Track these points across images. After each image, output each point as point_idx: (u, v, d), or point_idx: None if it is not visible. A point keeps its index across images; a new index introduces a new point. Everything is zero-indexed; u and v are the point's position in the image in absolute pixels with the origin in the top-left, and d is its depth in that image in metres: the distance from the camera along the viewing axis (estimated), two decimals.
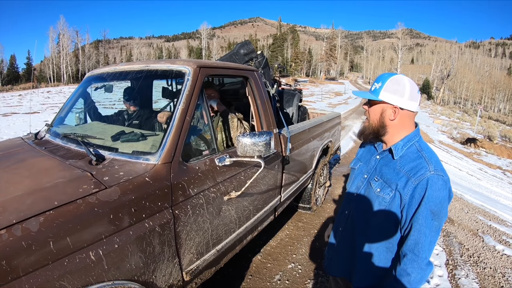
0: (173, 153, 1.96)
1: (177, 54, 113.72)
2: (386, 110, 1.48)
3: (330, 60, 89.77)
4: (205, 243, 2.13)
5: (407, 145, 1.47)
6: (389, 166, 1.50)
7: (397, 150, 1.48)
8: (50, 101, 26.24)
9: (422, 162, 1.39)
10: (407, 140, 1.48)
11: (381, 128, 1.51)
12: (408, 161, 1.44)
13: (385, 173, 1.51)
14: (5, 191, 1.58)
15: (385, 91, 1.45)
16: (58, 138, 2.49)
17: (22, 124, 13.71)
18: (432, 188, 1.33)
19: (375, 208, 1.50)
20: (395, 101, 1.44)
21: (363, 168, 1.69)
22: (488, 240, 4.59)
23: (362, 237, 1.58)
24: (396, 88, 1.44)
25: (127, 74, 2.86)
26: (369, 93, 1.53)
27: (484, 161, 14.03)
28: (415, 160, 1.42)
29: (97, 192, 1.57)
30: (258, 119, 3.00)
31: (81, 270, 1.36)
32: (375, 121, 1.53)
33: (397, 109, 1.45)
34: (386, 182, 1.47)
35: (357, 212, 1.63)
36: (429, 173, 1.34)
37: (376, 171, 1.57)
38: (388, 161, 1.53)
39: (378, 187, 1.50)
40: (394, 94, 1.44)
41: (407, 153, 1.46)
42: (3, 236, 1.23)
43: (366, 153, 1.74)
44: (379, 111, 1.50)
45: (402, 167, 1.44)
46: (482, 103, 79.52)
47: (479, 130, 25.60)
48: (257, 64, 4.34)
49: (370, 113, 1.56)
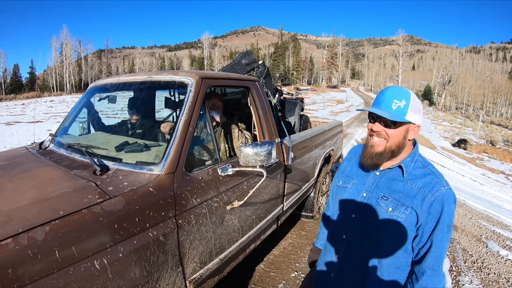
0: (177, 164, 1.99)
1: (179, 64, 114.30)
2: (409, 131, 1.38)
3: (332, 68, 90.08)
4: (208, 252, 2.14)
5: (413, 161, 1.41)
6: (397, 183, 1.41)
7: (408, 167, 1.40)
8: (53, 110, 26.38)
9: (434, 178, 1.35)
10: (413, 156, 1.42)
11: (399, 150, 1.39)
12: (418, 177, 1.38)
13: (395, 190, 1.40)
14: (11, 200, 1.61)
15: (412, 111, 1.34)
16: (62, 148, 2.52)
17: (26, 133, 13.78)
18: (448, 203, 1.30)
19: (388, 228, 1.38)
20: (418, 120, 1.36)
21: (359, 186, 1.54)
22: (492, 245, 4.57)
23: (373, 259, 1.45)
24: (417, 106, 1.36)
25: (131, 85, 2.90)
26: (393, 112, 1.35)
27: (487, 166, 14.01)
28: (425, 176, 1.37)
29: (102, 202, 1.60)
30: (260, 129, 3.02)
31: (85, 279, 1.37)
32: (397, 144, 1.38)
33: (419, 128, 1.39)
34: (399, 200, 1.37)
35: (362, 235, 1.47)
36: (444, 189, 1.31)
37: (380, 189, 1.45)
38: (393, 178, 1.43)
39: (390, 206, 1.38)
40: (416, 114, 1.35)
41: (414, 168, 1.40)
42: (10, 245, 1.25)
43: (358, 170, 1.60)
44: (403, 133, 1.37)
45: (414, 183, 1.37)
46: (484, 108, 79.41)
47: (481, 135, 25.54)
48: (259, 74, 4.37)
49: (391, 136, 1.37)
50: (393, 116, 1.33)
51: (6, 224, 1.37)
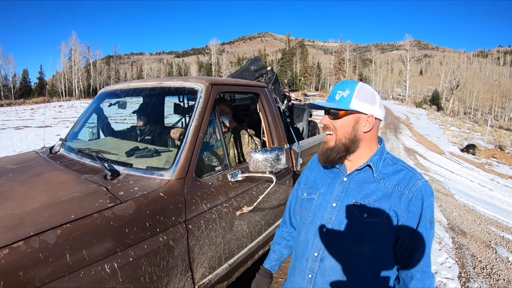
0: (187, 169, 2.01)
1: (187, 70, 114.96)
2: (359, 121, 1.28)
3: (339, 73, 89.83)
4: (218, 258, 2.15)
5: (381, 159, 1.31)
6: (369, 185, 1.29)
7: (377, 165, 1.29)
8: (62, 115, 26.64)
9: (408, 172, 1.26)
10: (380, 153, 1.32)
11: (353, 144, 1.29)
12: (390, 174, 1.27)
13: (367, 194, 1.27)
14: (23, 204, 1.63)
15: (357, 99, 1.26)
16: (72, 152, 2.55)
17: (35, 137, 13.91)
18: (427, 197, 1.22)
19: (367, 237, 1.24)
20: (369, 109, 1.27)
21: (327, 196, 1.38)
22: (501, 251, 4.53)
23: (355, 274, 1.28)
24: (367, 95, 1.27)
25: (141, 90, 2.94)
26: (335, 102, 1.30)
27: (495, 171, 13.85)
28: (398, 173, 1.27)
29: (113, 207, 1.61)
30: (269, 135, 3.03)
31: (96, 282, 1.38)
32: (346, 136, 1.29)
33: (372, 118, 1.27)
34: (374, 203, 1.24)
35: (338, 250, 1.30)
36: (420, 183, 1.23)
37: (350, 195, 1.30)
38: (363, 181, 1.31)
39: (365, 212, 1.25)
40: (367, 102, 1.27)
41: (384, 166, 1.30)
42: (21, 248, 1.27)
43: (322, 178, 1.46)
44: (350, 123, 1.28)
45: (387, 182, 1.26)
46: (492, 112, 78.63)
47: (490, 140, 25.29)
48: (267, 80, 4.38)
49: (337, 128, 1.31)
50: (334, 105, 1.28)
51: (18, 227, 1.38)
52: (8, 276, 1.18)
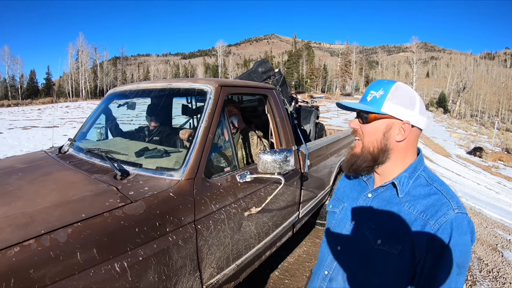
0: (196, 170, 2.01)
1: (193, 71, 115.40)
2: (392, 128, 1.10)
3: (345, 75, 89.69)
4: (226, 258, 2.15)
5: (413, 176, 1.09)
6: (391, 206, 1.10)
7: (403, 185, 1.09)
8: (69, 116, 26.88)
9: (441, 198, 1.01)
10: (413, 170, 1.10)
11: (382, 154, 1.12)
12: (418, 197, 1.05)
13: (386, 217, 1.10)
14: (33, 203, 1.64)
15: (391, 102, 1.08)
16: (81, 152, 2.57)
17: (42, 137, 14.06)
18: (458, 233, 0.95)
19: (378, 267, 1.07)
20: (406, 115, 1.08)
21: (348, 211, 1.24)
22: (508, 254, 4.50)
23: None
24: (404, 98, 1.08)
25: (150, 91, 2.95)
26: (365, 104, 1.14)
27: (502, 175, 13.75)
28: (429, 196, 1.03)
29: (123, 206, 1.62)
30: (277, 136, 3.03)
31: (106, 281, 1.39)
32: (374, 144, 1.12)
33: (407, 125, 1.08)
34: (390, 230, 1.06)
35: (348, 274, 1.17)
36: (453, 213, 0.97)
37: (369, 216, 1.15)
38: (388, 201, 1.12)
39: (379, 238, 1.07)
40: (403, 106, 1.08)
41: (415, 186, 1.08)
42: (32, 246, 1.28)
43: (350, 191, 1.31)
44: (381, 129, 1.11)
45: (413, 207, 1.04)
46: (499, 115, 78.06)
47: (496, 142, 25.14)
48: (275, 82, 4.39)
49: (365, 133, 1.14)
50: (364, 107, 1.12)
51: (29, 226, 1.40)
52: (19, 274, 1.18)
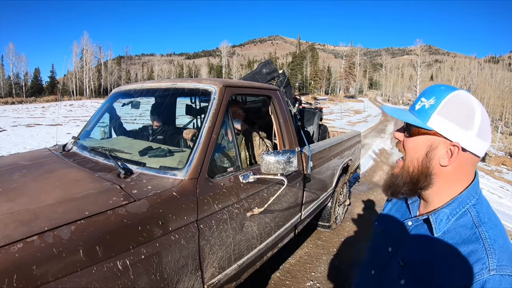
0: (200, 169, 2.02)
1: (197, 72, 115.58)
2: (437, 148, 0.89)
3: (349, 77, 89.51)
4: (227, 258, 2.15)
5: (456, 213, 0.88)
6: (423, 244, 0.93)
7: (440, 223, 0.89)
8: (72, 114, 26.97)
9: (479, 248, 0.79)
10: (457, 205, 0.89)
11: (423, 178, 0.92)
12: (456, 242, 0.84)
13: (415, 256, 0.92)
14: (37, 199, 1.66)
15: (440, 115, 0.87)
16: (85, 151, 2.59)
17: (45, 135, 14.12)
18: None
19: None
20: (457, 135, 0.86)
21: (386, 236, 1.10)
22: None
23: None
24: (460, 112, 0.86)
25: (154, 91, 2.97)
26: (411, 112, 0.95)
27: (505, 179, 13.64)
28: (467, 244, 0.82)
29: (126, 204, 1.63)
30: (280, 138, 3.04)
31: (108, 279, 1.39)
32: (414, 164, 0.93)
33: (457, 148, 0.86)
34: (415, 273, 0.89)
35: None
36: (488, 274, 0.74)
37: (402, 248, 0.99)
38: (422, 235, 0.95)
39: (403, 277, 0.91)
40: (455, 123, 0.86)
41: (456, 227, 0.87)
42: (35, 242, 1.28)
43: (395, 212, 1.15)
44: (424, 148, 0.91)
45: (444, 251, 0.85)
46: (503, 119, 77.66)
47: (500, 147, 24.99)
48: (279, 83, 4.39)
49: (407, 149, 0.96)
50: (408, 117, 0.94)
51: (32, 222, 1.40)
52: (22, 270, 1.19)
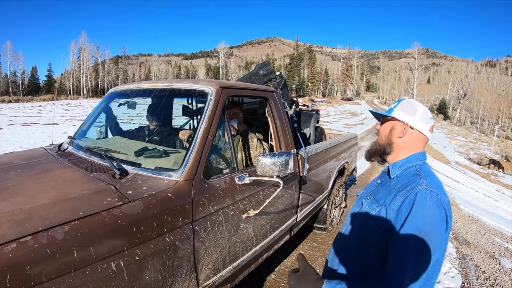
0: (195, 171, 2.02)
1: (195, 72, 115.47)
2: (396, 127, 1.44)
3: (347, 80, 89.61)
4: (222, 260, 2.15)
5: (405, 166, 1.40)
6: (385, 186, 1.42)
7: (394, 168, 1.42)
8: (69, 114, 26.89)
9: (416, 179, 1.28)
10: (407, 161, 1.40)
11: (388, 146, 1.46)
12: (402, 179, 1.34)
13: (377, 192, 1.44)
14: (31, 199, 1.65)
15: (398, 109, 1.45)
16: (81, 150, 2.57)
17: (42, 134, 14.05)
18: (420, 203, 1.16)
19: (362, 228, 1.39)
20: (406, 118, 1.41)
21: (363, 193, 1.60)
22: (505, 262, 4.51)
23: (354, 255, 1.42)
24: (408, 107, 1.44)
25: (151, 91, 2.95)
26: (384, 112, 1.52)
27: (501, 182, 13.69)
28: (409, 178, 1.31)
29: (121, 205, 1.62)
30: (277, 140, 3.03)
31: (101, 280, 1.38)
32: (383, 138, 1.49)
33: (407, 126, 1.40)
34: (376, 199, 1.39)
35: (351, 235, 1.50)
36: (419, 187, 1.22)
37: (372, 193, 1.48)
38: (385, 182, 1.45)
39: (367, 204, 1.41)
40: (405, 112, 1.42)
41: (405, 173, 1.37)
42: (29, 242, 1.28)
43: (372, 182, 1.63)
44: (389, 127, 1.47)
45: (395, 184, 1.33)
46: (499, 122, 78.05)
47: (496, 150, 25.10)
48: (276, 85, 4.38)
49: (380, 130, 1.53)
50: (382, 113, 1.51)
51: (26, 222, 1.39)
52: (15, 270, 1.18)
